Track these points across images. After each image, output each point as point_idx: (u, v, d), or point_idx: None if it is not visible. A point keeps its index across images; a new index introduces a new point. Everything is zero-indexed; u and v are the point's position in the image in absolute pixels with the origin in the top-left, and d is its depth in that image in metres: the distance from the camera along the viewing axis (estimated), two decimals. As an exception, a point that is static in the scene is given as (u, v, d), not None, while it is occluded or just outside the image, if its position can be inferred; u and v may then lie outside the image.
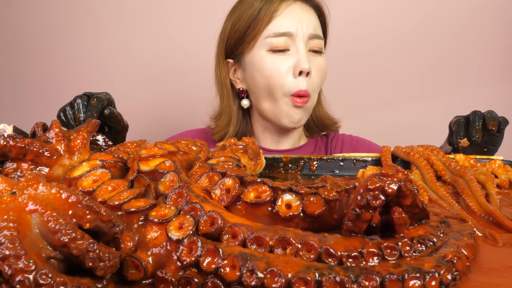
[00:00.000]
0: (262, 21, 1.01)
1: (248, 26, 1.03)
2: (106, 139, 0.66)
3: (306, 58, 0.99)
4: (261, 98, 1.06)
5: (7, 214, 0.32)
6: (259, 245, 0.37)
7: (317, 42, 1.04)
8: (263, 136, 1.14)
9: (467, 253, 0.39)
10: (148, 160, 0.49)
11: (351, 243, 0.38)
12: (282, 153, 1.11)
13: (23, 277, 0.29)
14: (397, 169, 0.38)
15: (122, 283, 0.37)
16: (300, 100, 1.01)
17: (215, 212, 0.39)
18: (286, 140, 1.15)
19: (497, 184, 0.66)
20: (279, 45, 1.01)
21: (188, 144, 0.59)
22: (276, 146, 1.14)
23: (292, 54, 1.01)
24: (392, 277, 0.33)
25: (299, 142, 1.18)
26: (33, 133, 0.57)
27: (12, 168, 0.48)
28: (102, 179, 0.45)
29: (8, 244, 0.30)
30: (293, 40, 1.01)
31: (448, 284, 0.35)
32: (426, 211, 0.42)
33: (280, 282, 0.33)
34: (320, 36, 1.05)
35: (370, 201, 0.37)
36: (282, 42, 1.01)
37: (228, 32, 1.08)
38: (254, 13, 1.02)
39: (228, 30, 1.08)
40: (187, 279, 0.35)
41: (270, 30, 1.01)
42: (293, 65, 1.00)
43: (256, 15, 1.02)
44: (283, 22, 1.00)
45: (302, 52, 1.00)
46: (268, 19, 1.01)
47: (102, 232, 0.36)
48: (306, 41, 1.01)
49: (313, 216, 0.42)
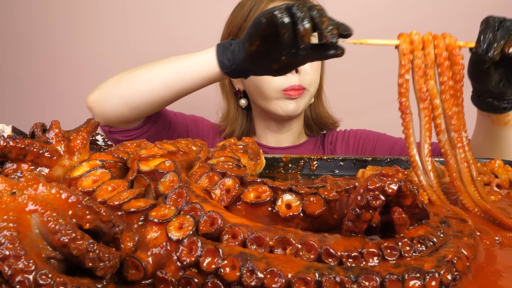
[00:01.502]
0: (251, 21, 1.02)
1: (239, 27, 1.05)
2: (106, 139, 0.66)
3: None
4: (255, 97, 1.09)
5: (7, 214, 0.32)
6: (259, 245, 0.37)
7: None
8: (264, 133, 1.17)
9: (467, 253, 0.39)
10: (148, 160, 0.49)
11: (351, 243, 0.38)
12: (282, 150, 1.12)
13: (23, 277, 0.29)
14: (397, 169, 0.38)
15: (122, 283, 0.37)
16: (293, 92, 1.02)
17: (215, 212, 0.39)
18: (286, 138, 1.16)
19: (497, 184, 0.66)
20: None
21: (188, 144, 0.59)
22: (276, 143, 1.16)
23: None
24: (392, 277, 0.33)
25: (299, 140, 1.19)
26: (32, 134, 0.57)
27: (12, 169, 0.48)
28: (102, 179, 0.45)
29: (8, 244, 0.30)
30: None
31: (448, 284, 0.35)
32: (426, 211, 0.42)
33: (280, 282, 0.33)
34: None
35: (370, 201, 0.37)
36: None
37: (224, 36, 1.11)
38: (244, 14, 1.04)
39: (224, 33, 1.11)
40: (187, 279, 0.35)
41: None
42: None
43: (246, 16, 1.04)
44: None
45: None
46: None
47: (102, 232, 0.36)
48: None
49: (313, 216, 0.42)
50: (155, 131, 1.01)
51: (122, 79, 0.91)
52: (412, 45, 0.66)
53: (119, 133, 0.97)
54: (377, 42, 0.69)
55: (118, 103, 0.91)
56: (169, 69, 0.87)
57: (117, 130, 0.97)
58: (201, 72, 0.83)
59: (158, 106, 0.93)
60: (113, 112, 0.92)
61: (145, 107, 0.91)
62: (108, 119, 0.94)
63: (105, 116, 0.93)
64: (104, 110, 0.92)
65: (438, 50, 0.66)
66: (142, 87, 0.88)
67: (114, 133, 0.97)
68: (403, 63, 0.66)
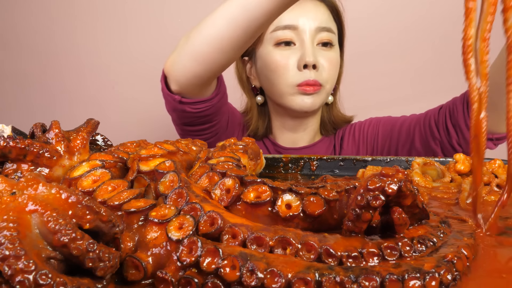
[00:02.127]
0: None
1: None
2: (106, 139, 0.66)
3: (311, 51, 1.00)
4: (271, 93, 1.09)
5: (7, 214, 0.32)
6: (259, 245, 0.37)
7: (325, 34, 1.03)
8: (280, 132, 1.16)
9: (467, 253, 0.39)
10: (148, 160, 0.49)
11: (351, 243, 0.38)
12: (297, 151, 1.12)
13: (23, 277, 0.29)
14: (397, 169, 0.38)
15: (122, 283, 0.37)
16: (309, 88, 1.01)
17: (215, 212, 0.39)
18: (302, 137, 1.16)
19: (497, 184, 0.66)
20: (283, 38, 1.02)
21: (188, 144, 0.59)
22: (292, 143, 1.16)
23: (297, 48, 1.02)
24: (392, 277, 0.33)
25: (314, 139, 1.19)
26: (31, 134, 0.57)
27: (12, 169, 0.48)
28: (102, 179, 0.45)
29: (8, 244, 0.30)
30: (299, 33, 1.02)
31: (448, 284, 0.35)
32: (426, 211, 0.42)
33: (280, 282, 0.33)
34: (329, 29, 1.04)
35: (370, 201, 0.37)
36: (287, 36, 1.02)
37: None
38: None
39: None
40: (187, 279, 0.35)
41: (275, 24, 1.02)
42: (298, 58, 1.01)
43: None
44: (287, 16, 1.00)
45: (307, 45, 1.01)
46: None
47: (102, 232, 0.36)
48: (313, 34, 1.02)
49: (313, 216, 0.42)
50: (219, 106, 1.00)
51: (191, 32, 0.89)
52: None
53: (188, 104, 0.96)
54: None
55: (189, 60, 0.89)
56: (232, 6, 0.82)
57: (187, 101, 0.95)
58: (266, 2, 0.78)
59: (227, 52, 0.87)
60: (185, 72, 0.90)
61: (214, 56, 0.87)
62: (182, 83, 0.92)
63: (179, 80, 0.92)
64: (178, 72, 0.91)
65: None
66: (209, 31, 0.85)
67: (185, 104, 0.96)
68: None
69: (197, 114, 0.99)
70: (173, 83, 0.94)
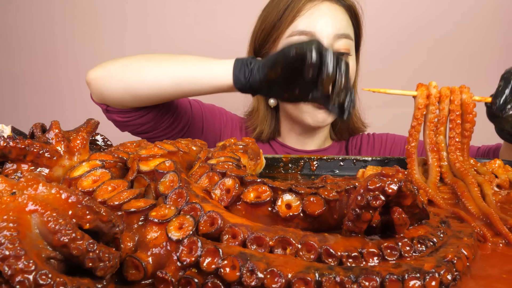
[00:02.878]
0: (286, 20, 1.00)
1: (273, 25, 1.02)
2: (106, 139, 0.66)
3: None
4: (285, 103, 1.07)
5: (7, 214, 0.32)
6: (259, 245, 0.37)
7: (343, 42, 1.00)
8: (289, 135, 1.15)
9: (467, 253, 0.39)
10: (148, 160, 0.49)
11: (351, 243, 0.38)
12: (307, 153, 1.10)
13: (23, 277, 0.29)
14: (397, 169, 0.38)
15: (122, 283, 0.37)
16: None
17: (215, 212, 0.39)
18: (312, 142, 1.14)
19: (497, 184, 0.66)
20: None
21: (188, 144, 0.59)
22: (301, 146, 1.14)
23: None
24: (392, 277, 0.33)
25: (324, 144, 1.17)
26: (31, 134, 0.57)
27: (12, 169, 0.48)
28: (102, 179, 0.45)
29: (8, 244, 0.30)
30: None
31: (448, 284, 0.35)
32: (426, 211, 0.42)
33: (280, 282, 0.33)
34: (347, 36, 1.01)
35: (370, 201, 0.37)
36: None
37: (256, 31, 1.08)
38: (280, 12, 1.01)
39: (257, 28, 1.08)
40: (187, 279, 0.35)
41: (291, 29, 1.00)
42: None
43: (281, 15, 1.01)
44: (304, 21, 0.99)
45: None
46: (292, 18, 0.99)
47: (102, 232, 0.36)
48: (331, 42, 0.99)
49: (313, 216, 0.42)
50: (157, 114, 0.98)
51: (129, 66, 0.90)
52: (428, 99, 0.70)
53: (117, 113, 0.95)
54: (395, 92, 0.74)
55: (120, 88, 0.89)
56: (183, 69, 0.86)
57: (115, 110, 0.95)
58: (214, 81, 0.83)
59: (163, 100, 0.91)
60: (112, 94, 0.90)
61: (149, 98, 0.90)
62: (106, 100, 0.93)
63: (103, 95, 0.91)
64: (104, 90, 0.91)
65: (453, 106, 0.70)
66: (150, 81, 0.87)
67: (112, 112, 0.95)
68: (417, 116, 0.71)
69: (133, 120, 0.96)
70: (95, 95, 0.93)
